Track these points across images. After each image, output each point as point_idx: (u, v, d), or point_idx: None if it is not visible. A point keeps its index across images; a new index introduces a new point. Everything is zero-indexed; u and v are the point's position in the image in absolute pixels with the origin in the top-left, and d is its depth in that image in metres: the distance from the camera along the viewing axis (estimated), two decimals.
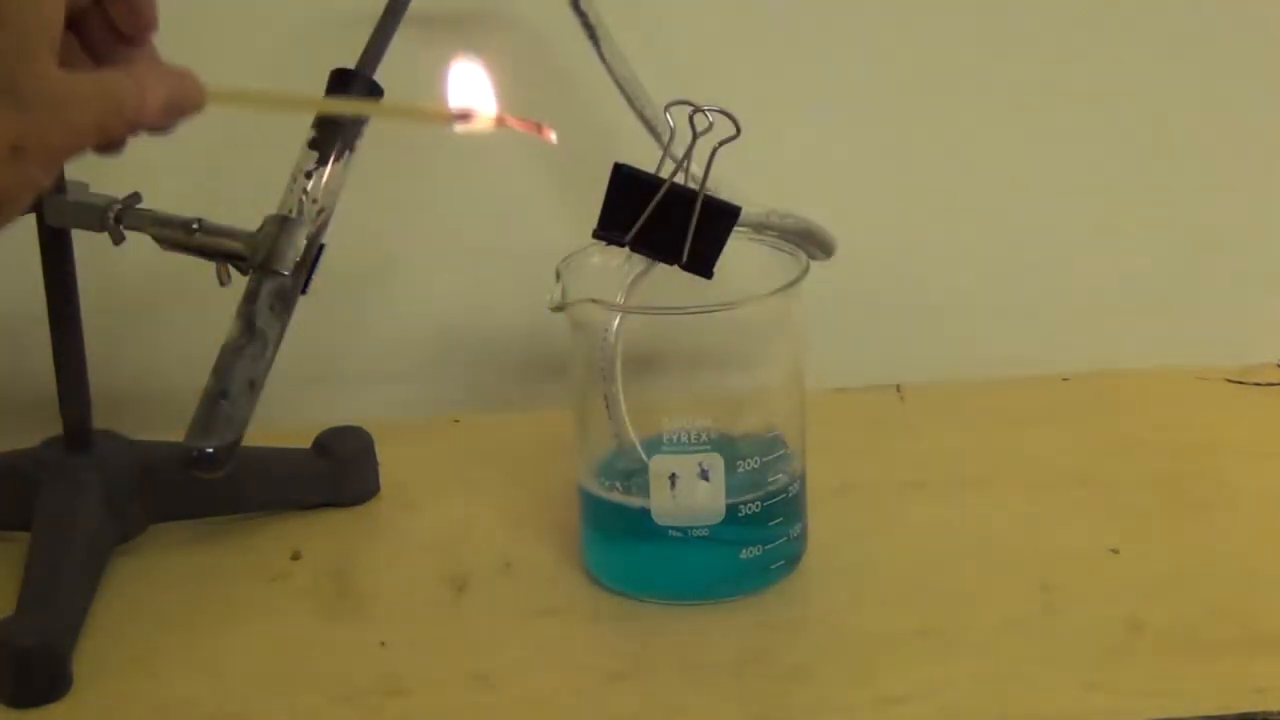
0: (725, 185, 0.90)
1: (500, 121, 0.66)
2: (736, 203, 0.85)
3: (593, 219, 0.84)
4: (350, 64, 0.85)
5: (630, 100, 0.91)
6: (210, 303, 0.84)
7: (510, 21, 1.04)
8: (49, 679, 0.82)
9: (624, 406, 0.87)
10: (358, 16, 0.88)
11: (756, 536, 0.87)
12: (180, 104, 0.64)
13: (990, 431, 1.04)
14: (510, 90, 0.74)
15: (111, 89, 0.62)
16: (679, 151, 0.83)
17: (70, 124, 0.61)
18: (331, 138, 0.84)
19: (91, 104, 0.61)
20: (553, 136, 0.68)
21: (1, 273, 1.03)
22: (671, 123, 0.85)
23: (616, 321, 0.86)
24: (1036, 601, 0.87)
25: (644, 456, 0.86)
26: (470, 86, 0.67)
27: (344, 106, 0.79)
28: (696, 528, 0.86)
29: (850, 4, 1.07)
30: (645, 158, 0.84)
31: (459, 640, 0.86)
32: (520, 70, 1.03)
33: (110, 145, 0.63)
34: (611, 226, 0.84)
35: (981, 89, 1.09)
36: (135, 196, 0.87)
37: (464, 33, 1.03)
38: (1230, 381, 1.09)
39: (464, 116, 0.66)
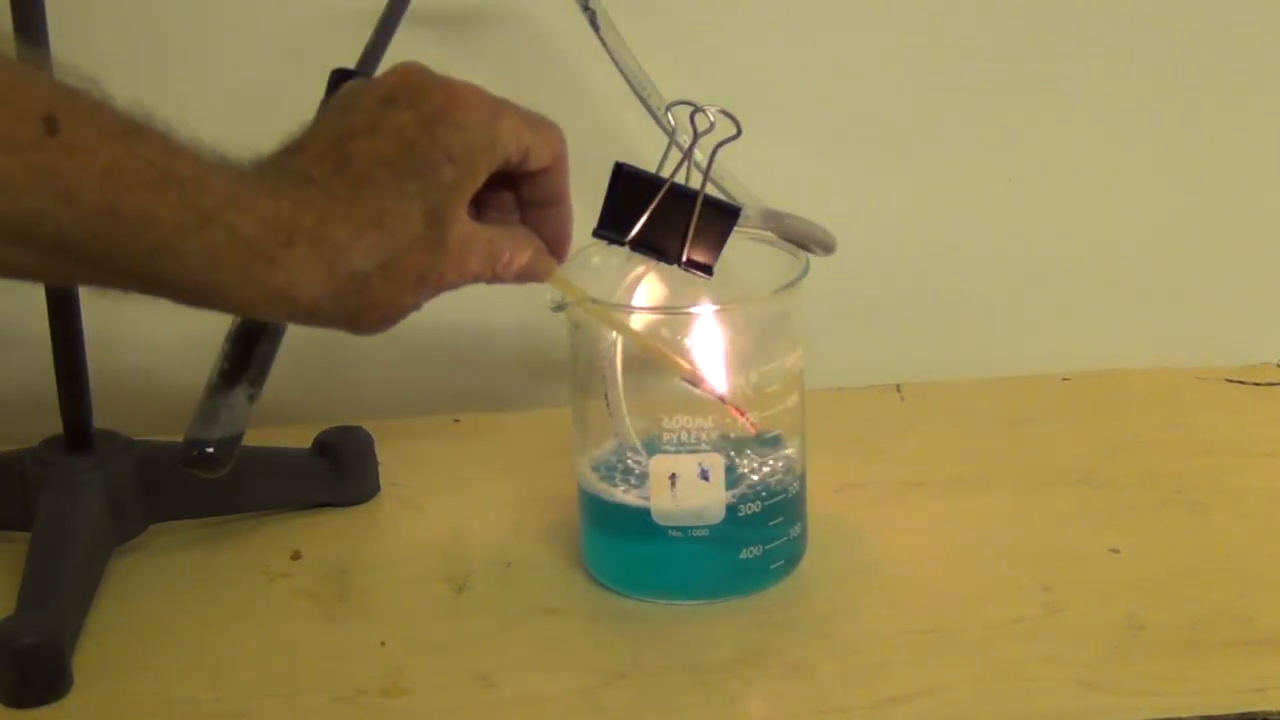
0: (729, 183, 0.90)
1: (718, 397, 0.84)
2: (737, 202, 0.85)
3: (593, 218, 0.84)
4: (350, 64, 0.84)
5: (635, 89, 0.91)
6: None
7: (511, 21, 1.04)
8: (49, 679, 0.82)
9: (624, 406, 0.87)
10: (358, 16, 0.88)
11: (756, 536, 0.87)
12: (532, 274, 0.76)
13: (990, 431, 1.04)
14: (512, 90, 0.74)
15: (496, 248, 0.73)
16: (680, 153, 0.83)
17: (462, 267, 0.71)
18: None
19: (480, 255, 0.71)
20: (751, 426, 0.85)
21: None
22: (673, 122, 0.85)
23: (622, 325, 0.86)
24: (1036, 601, 0.87)
25: (644, 456, 0.86)
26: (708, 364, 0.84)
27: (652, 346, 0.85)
28: (696, 528, 0.86)
29: (852, 4, 1.07)
30: (646, 157, 0.84)
31: (459, 640, 0.86)
32: (521, 70, 1.04)
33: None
34: (611, 226, 0.84)
35: (983, 90, 1.09)
36: None
37: (465, 32, 1.03)
38: (1230, 381, 1.09)
39: (695, 381, 0.84)
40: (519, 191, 0.75)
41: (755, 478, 0.87)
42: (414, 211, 0.68)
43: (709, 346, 0.85)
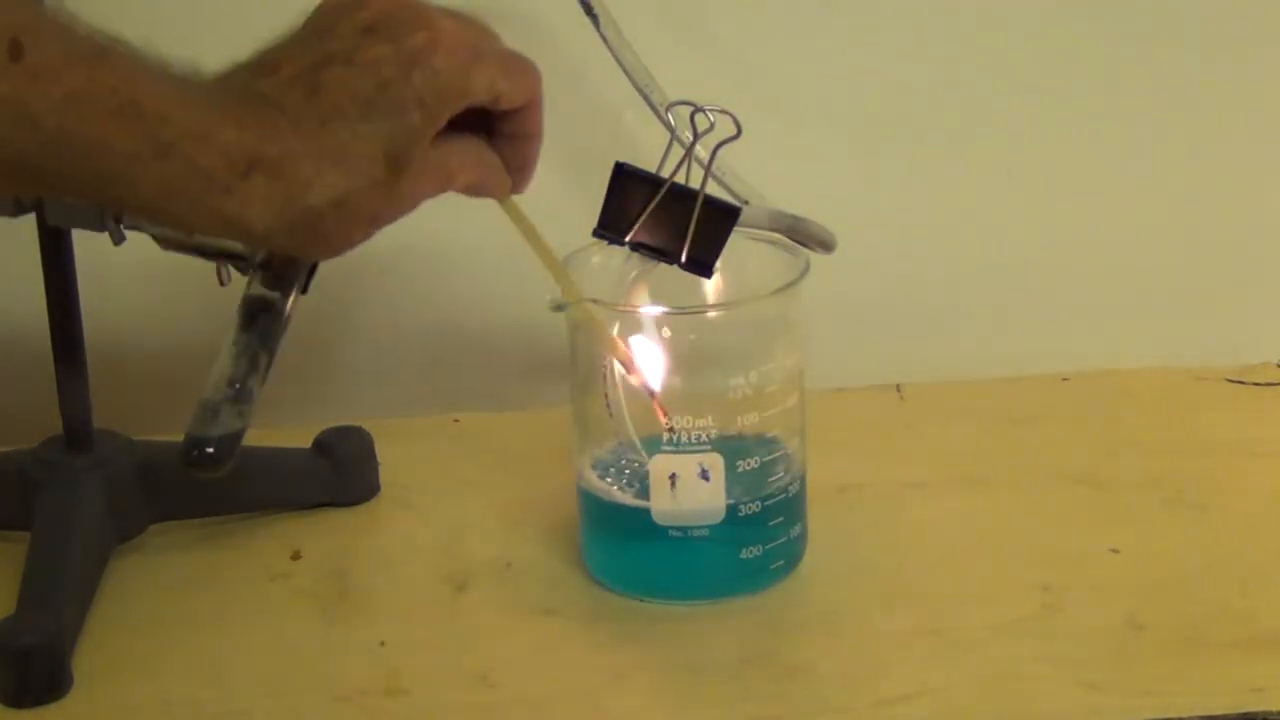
0: (730, 181, 0.90)
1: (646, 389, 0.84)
2: (737, 202, 0.85)
3: (593, 218, 0.84)
4: None
5: (637, 86, 0.91)
6: (210, 303, 0.84)
7: (511, 21, 1.03)
8: (49, 679, 0.82)
9: (624, 406, 0.87)
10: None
11: (756, 536, 0.87)
12: (484, 191, 0.75)
13: (990, 431, 1.04)
14: None
15: (448, 166, 0.72)
16: (680, 152, 0.83)
17: (416, 197, 0.71)
18: None
19: (433, 177, 0.71)
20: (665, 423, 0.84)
21: (1, 273, 1.03)
22: (673, 123, 0.85)
23: (617, 321, 0.86)
24: (1036, 601, 0.87)
25: (644, 456, 0.86)
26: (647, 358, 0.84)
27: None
28: (696, 528, 0.86)
29: (851, 4, 1.07)
30: (647, 157, 0.84)
31: (459, 640, 0.86)
32: None
33: None
34: (611, 226, 0.84)
35: (983, 89, 1.08)
36: None
37: None
38: (1230, 381, 1.09)
39: (630, 368, 0.84)
40: (492, 120, 0.74)
41: (755, 478, 0.87)
42: (377, 154, 0.68)
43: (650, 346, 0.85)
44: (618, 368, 0.86)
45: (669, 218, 0.83)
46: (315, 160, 0.67)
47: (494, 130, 0.74)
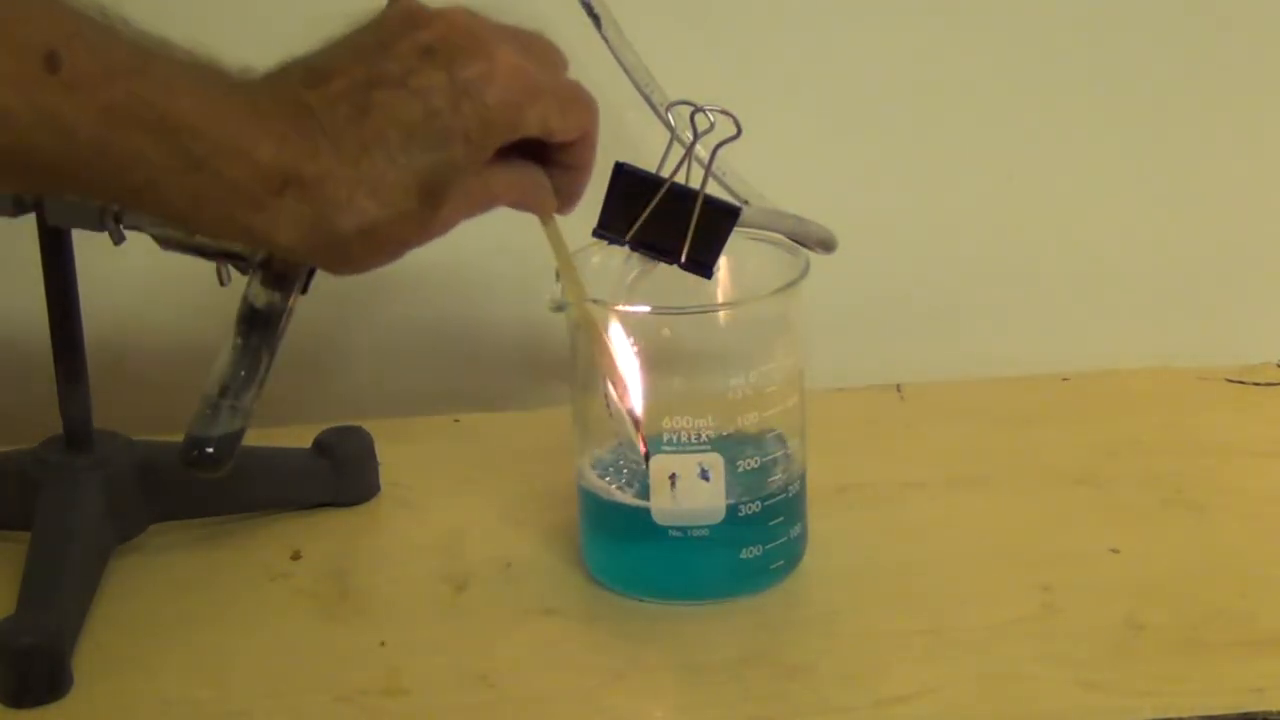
0: (730, 180, 0.90)
1: (631, 416, 0.82)
2: (737, 202, 0.85)
3: (593, 218, 0.84)
4: None
5: (638, 86, 0.91)
6: (210, 302, 0.84)
7: (511, 20, 1.04)
8: (49, 679, 0.82)
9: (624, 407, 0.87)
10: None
11: (756, 536, 0.87)
12: (528, 207, 0.74)
13: (990, 431, 1.04)
14: None
15: (488, 190, 0.71)
16: (680, 152, 0.83)
17: (450, 223, 0.70)
18: None
19: (471, 205, 0.70)
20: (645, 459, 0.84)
21: (1, 273, 1.03)
22: (673, 123, 0.85)
23: (617, 322, 0.86)
24: (1036, 601, 0.87)
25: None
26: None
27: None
28: (696, 528, 0.86)
29: (852, 3, 1.07)
30: (647, 157, 0.84)
31: (459, 640, 0.86)
32: None
33: None
34: (611, 226, 0.84)
35: (983, 89, 1.09)
36: None
37: None
38: (1230, 381, 1.09)
39: (620, 390, 0.82)
40: (545, 148, 0.73)
41: (755, 478, 0.87)
42: (412, 186, 0.67)
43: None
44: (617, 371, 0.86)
45: (669, 218, 0.83)
46: (350, 186, 0.66)
47: (545, 157, 0.73)
